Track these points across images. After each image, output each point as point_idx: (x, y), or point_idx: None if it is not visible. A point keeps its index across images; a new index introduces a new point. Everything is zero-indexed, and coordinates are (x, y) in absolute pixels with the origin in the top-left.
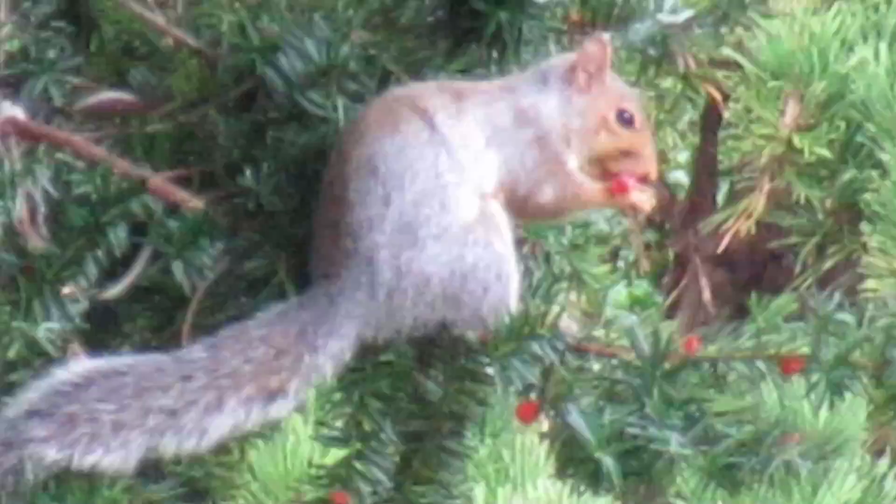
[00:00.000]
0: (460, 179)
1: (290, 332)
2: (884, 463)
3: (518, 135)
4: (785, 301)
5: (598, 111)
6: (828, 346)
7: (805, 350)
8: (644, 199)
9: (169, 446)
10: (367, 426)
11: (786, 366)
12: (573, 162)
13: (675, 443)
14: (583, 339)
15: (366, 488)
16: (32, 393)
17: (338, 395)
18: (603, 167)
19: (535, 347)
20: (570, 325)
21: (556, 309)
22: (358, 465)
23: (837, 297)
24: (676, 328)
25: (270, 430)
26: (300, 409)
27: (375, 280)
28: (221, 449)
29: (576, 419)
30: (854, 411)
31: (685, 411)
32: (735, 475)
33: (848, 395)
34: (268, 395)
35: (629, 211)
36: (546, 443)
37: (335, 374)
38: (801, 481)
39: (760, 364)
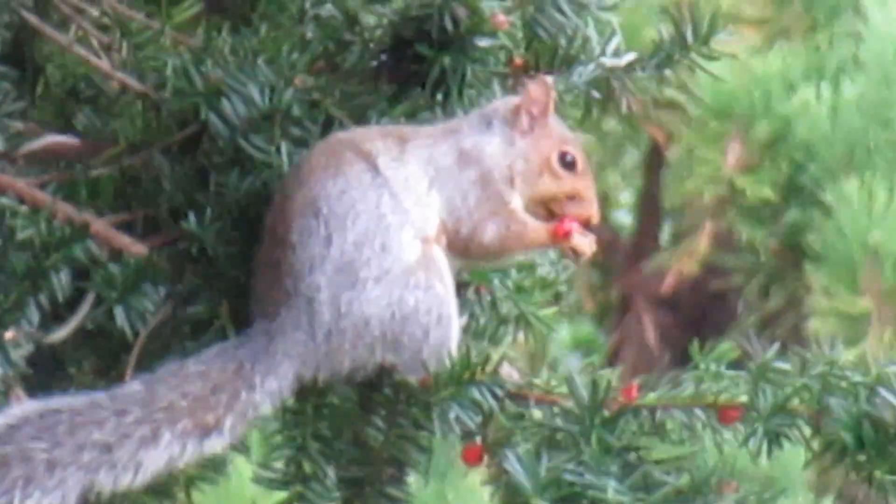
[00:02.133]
0: (402, 221)
1: (228, 368)
2: (828, 503)
3: (461, 175)
4: (726, 349)
5: (540, 153)
6: (765, 395)
7: (744, 399)
8: (585, 243)
9: (105, 482)
10: (307, 468)
11: (724, 414)
12: (517, 202)
13: (612, 491)
14: (523, 386)
15: None
16: None
17: (278, 438)
18: (546, 209)
19: (476, 393)
20: (510, 373)
21: (496, 356)
22: None
23: (776, 345)
24: (617, 375)
25: (214, 472)
26: (242, 449)
27: (315, 320)
28: (166, 492)
29: (514, 465)
30: (797, 453)
31: (623, 458)
32: None
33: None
34: (203, 431)
35: (570, 254)
36: (489, 486)
37: (273, 413)
38: None
39: (699, 412)
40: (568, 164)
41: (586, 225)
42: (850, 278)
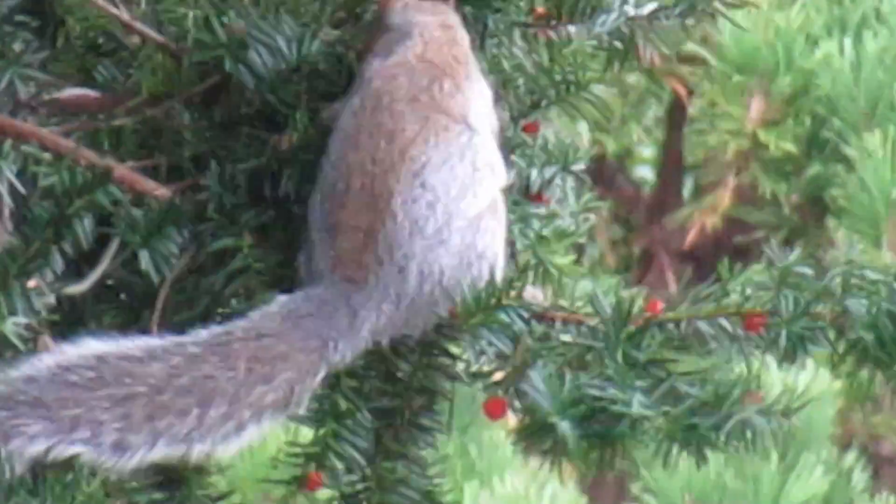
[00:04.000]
0: (488, 171)
1: (310, 345)
2: (851, 456)
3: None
4: (754, 269)
5: None
6: (788, 300)
7: (767, 306)
8: None
9: (196, 451)
10: (342, 405)
11: (748, 322)
12: None
13: (637, 404)
14: (548, 308)
15: (340, 467)
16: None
17: None
18: None
19: (504, 316)
20: (535, 295)
21: (520, 282)
22: (333, 443)
23: (797, 250)
24: (641, 294)
25: None
26: None
27: (402, 289)
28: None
29: (535, 385)
30: (822, 407)
31: (648, 372)
32: (697, 436)
33: (815, 390)
34: (284, 405)
35: None
36: (513, 438)
37: None
38: (767, 449)
39: (724, 322)
40: None
41: None
42: (874, 232)
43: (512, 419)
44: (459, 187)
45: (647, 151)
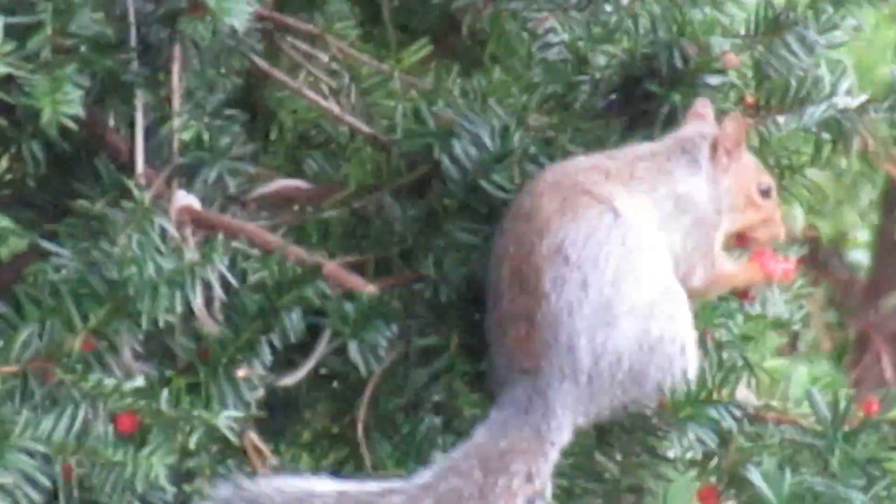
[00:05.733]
0: (649, 255)
1: (525, 435)
2: None
3: (679, 221)
4: None
5: (742, 187)
6: None
7: None
8: (785, 268)
9: None
10: None
11: None
12: (718, 243)
13: (859, 502)
14: (760, 408)
15: None
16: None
17: None
18: (738, 235)
19: (713, 413)
20: (748, 396)
21: (732, 382)
22: None
23: None
24: (854, 392)
25: None
26: None
27: (577, 367)
28: None
29: (757, 478)
30: None
31: (867, 471)
32: None
33: None
34: (530, 497)
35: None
36: None
37: None
38: None
39: None
40: (765, 193)
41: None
42: None
43: None
44: (614, 269)
45: (862, 234)
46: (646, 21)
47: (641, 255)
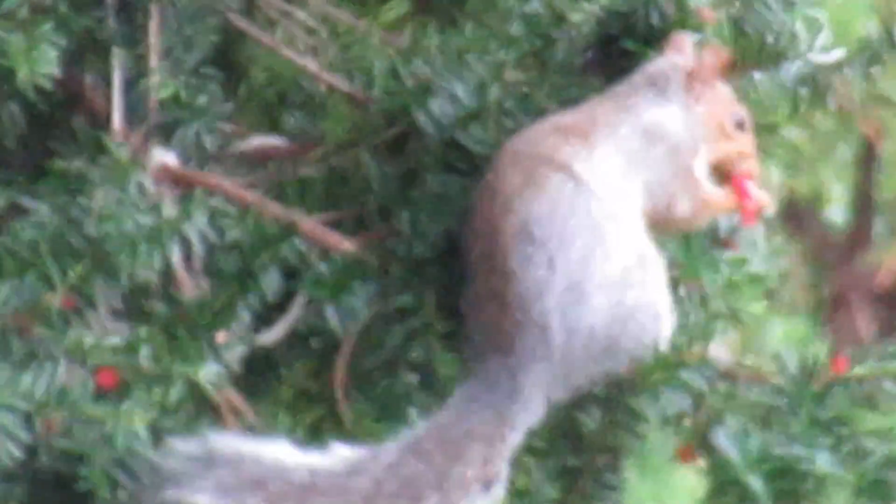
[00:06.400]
0: (616, 224)
1: (488, 418)
2: None
3: (649, 154)
4: None
5: (716, 117)
6: None
7: None
8: (765, 196)
9: None
10: (521, 483)
11: None
12: (700, 171)
13: (823, 462)
14: (732, 367)
15: None
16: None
17: None
18: (717, 171)
19: (685, 376)
20: (718, 353)
21: (705, 340)
22: None
23: None
24: (826, 350)
25: None
26: None
27: (550, 346)
28: None
29: (723, 442)
30: None
31: (833, 431)
32: (885, 491)
33: None
34: (486, 485)
35: (754, 210)
36: (703, 479)
37: None
38: None
39: None
40: (740, 125)
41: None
42: None
43: (701, 462)
44: (582, 244)
45: (837, 192)
46: None
47: (609, 224)
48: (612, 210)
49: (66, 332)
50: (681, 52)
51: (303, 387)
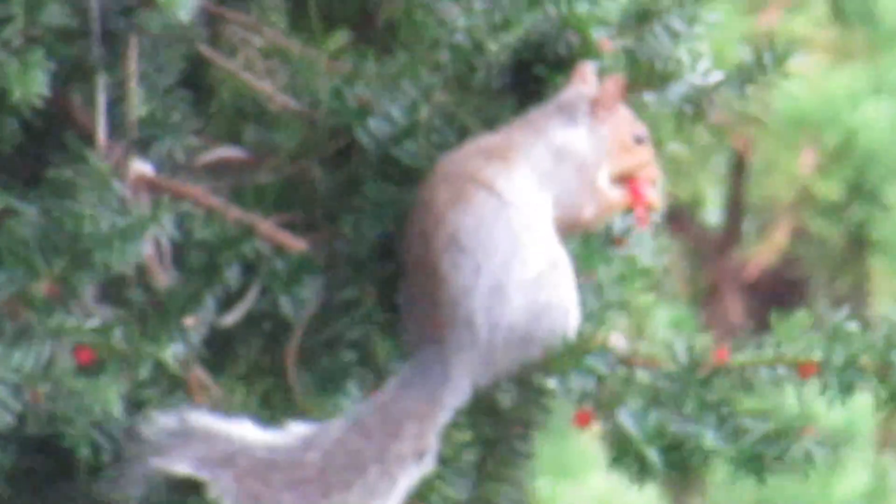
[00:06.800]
0: (532, 233)
1: (422, 398)
2: (889, 458)
3: (559, 171)
4: (801, 317)
5: (618, 136)
6: (837, 353)
7: (818, 356)
8: (656, 195)
9: None
10: (447, 453)
11: (802, 370)
12: (602, 180)
13: (709, 439)
14: (630, 354)
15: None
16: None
17: None
18: (622, 180)
19: (589, 361)
20: (619, 342)
21: (606, 329)
22: (439, 484)
23: (845, 310)
24: (709, 340)
25: None
26: None
27: (476, 339)
28: None
29: (625, 420)
30: (864, 413)
31: (718, 411)
32: (760, 463)
33: (858, 399)
34: (418, 456)
35: (646, 210)
36: (600, 443)
37: None
38: (817, 469)
39: (781, 369)
40: (639, 140)
41: (652, 184)
42: None
43: (596, 427)
44: (503, 252)
45: (713, 197)
46: (536, 13)
47: (526, 234)
48: (529, 221)
49: (50, 316)
50: (585, 82)
51: (256, 362)
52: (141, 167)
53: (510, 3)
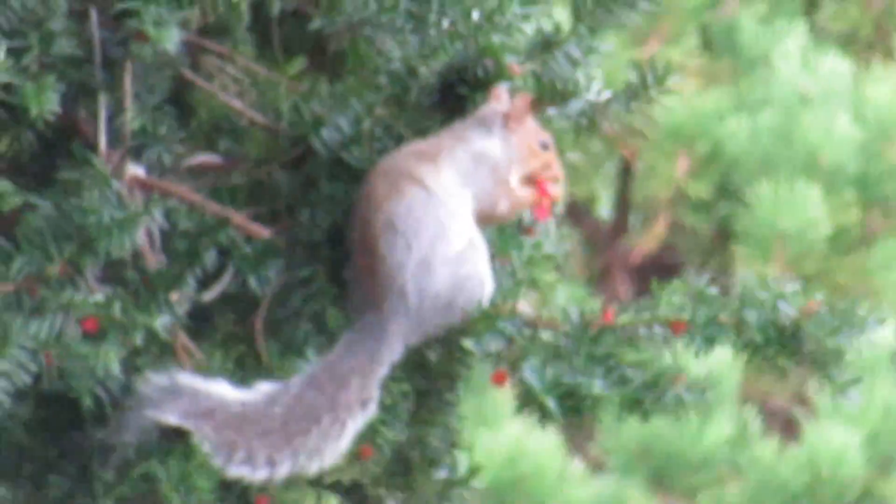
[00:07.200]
0: (454, 220)
1: (364, 356)
2: (749, 410)
3: (478, 172)
4: (676, 285)
5: (526, 143)
6: (701, 312)
7: (686, 316)
8: (558, 191)
9: (326, 457)
10: (388, 401)
11: (674, 328)
12: (514, 180)
13: (598, 387)
14: (534, 318)
15: (384, 443)
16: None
17: None
18: (530, 180)
19: (501, 325)
20: (525, 308)
21: (514, 300)
22: (381, 427)
23: (706, 276)
24: (599, 305)
25: None
26: None
27: (408, 306)
28: None
29: (529, 374)
30: (727, 369)
31: (605, 364)
32: (641, 407)
33: (721, 355)
34: (363, 405)
35: (550, 205)
36: (512, 397)
37: None
38: (688, 412)
39: (657, 328)
40: (544, 146)
41: (556, 181)
42: (764, 252)
43: (510, 385)
44: (430, 234)
45: (605, 196)
46: (458, 43)
47: (449, 219)
48: (452, 210)
49: (61, 293)
50: (499, 100)
51: (231, 331)
52: (135, 170)
53: (437, 36)
